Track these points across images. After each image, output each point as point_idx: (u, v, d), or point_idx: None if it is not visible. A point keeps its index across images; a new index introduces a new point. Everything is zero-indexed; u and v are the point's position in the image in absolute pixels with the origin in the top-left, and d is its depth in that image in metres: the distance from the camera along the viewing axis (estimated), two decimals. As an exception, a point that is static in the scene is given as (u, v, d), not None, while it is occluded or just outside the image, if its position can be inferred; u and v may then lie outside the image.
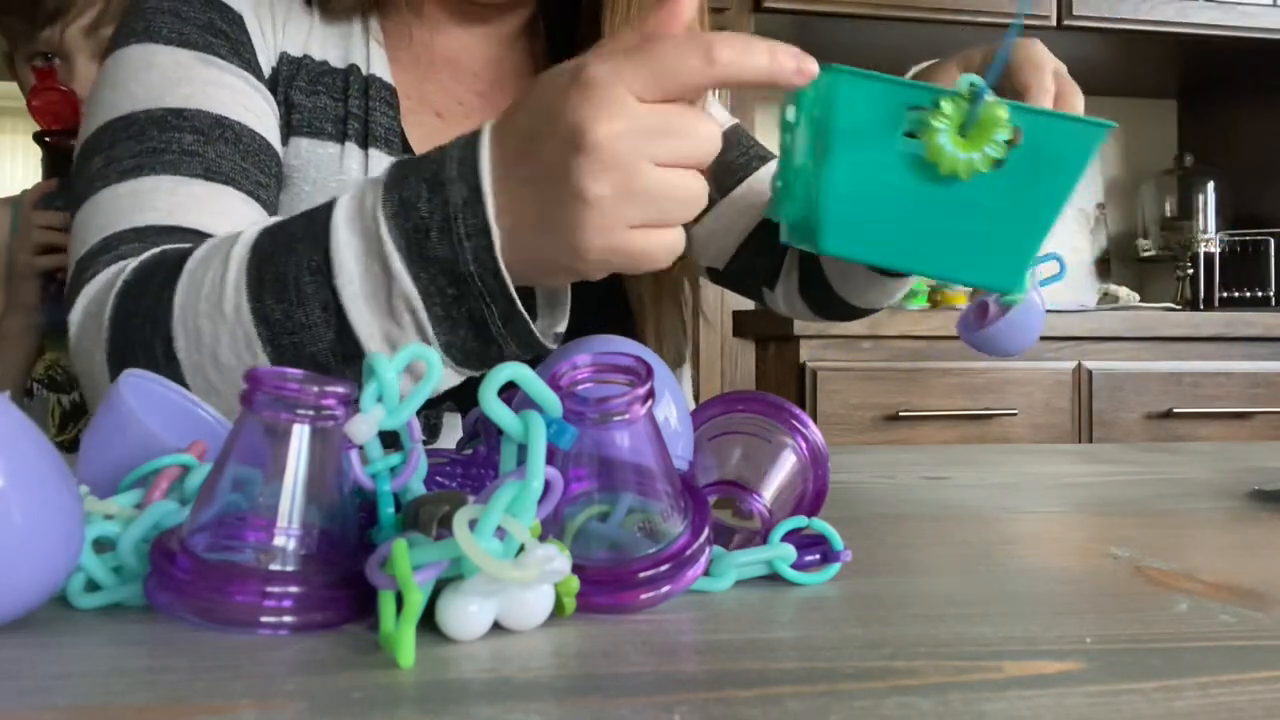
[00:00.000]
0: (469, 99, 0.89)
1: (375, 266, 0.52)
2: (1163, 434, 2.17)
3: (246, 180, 0.74)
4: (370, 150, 0.81)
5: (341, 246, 0.53)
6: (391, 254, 0.51)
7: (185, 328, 0.56)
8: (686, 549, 0.40)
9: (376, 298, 0.52)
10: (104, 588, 0.38)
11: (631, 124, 0.46)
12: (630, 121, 0.46)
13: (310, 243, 0.54)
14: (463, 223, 0.50)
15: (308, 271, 0.53)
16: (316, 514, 0.37)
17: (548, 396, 0.38)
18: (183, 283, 0.57)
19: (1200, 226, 2.60)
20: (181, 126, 0.73)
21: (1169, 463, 0.87)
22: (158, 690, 0.30)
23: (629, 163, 0.46)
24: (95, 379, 0.61)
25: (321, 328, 0.53)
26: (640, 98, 0.47)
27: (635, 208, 0.47)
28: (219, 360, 0.56)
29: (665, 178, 0.47)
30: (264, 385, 0.36)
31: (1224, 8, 2.40)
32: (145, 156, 0.71)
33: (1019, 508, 0.64)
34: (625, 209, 0.47)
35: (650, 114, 0.47)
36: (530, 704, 0.29)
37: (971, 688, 0.31)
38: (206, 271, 0.57)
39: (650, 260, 0.49)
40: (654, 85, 0.47)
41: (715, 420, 0.51)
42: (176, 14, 0.78)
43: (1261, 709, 0.29)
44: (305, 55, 0.83)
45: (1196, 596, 0.41)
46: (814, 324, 2.06)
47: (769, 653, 0.34)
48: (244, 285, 0.55)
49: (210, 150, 0.73)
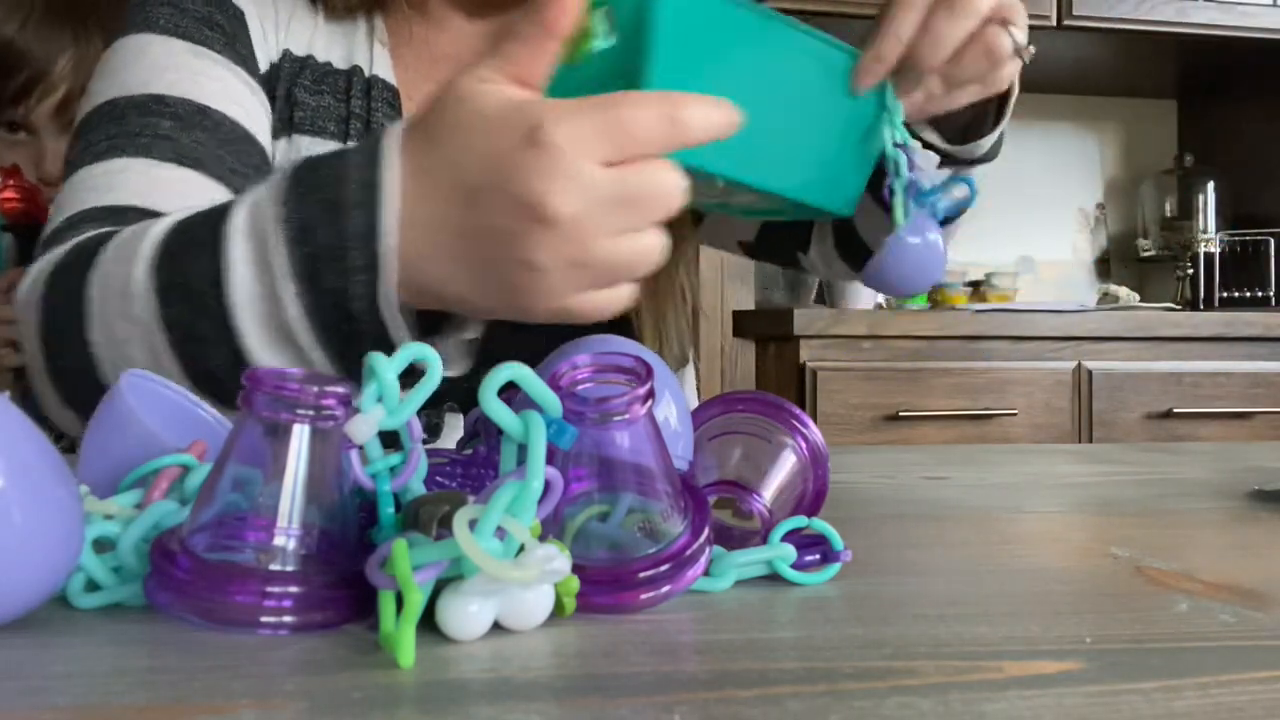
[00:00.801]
0: None
1: (269, 296, 0.51)
2: (1163, 434, 2.17)
3: (221, 167, 0.74)
4: None
5: (236, 264, 0.51)
6: (284, 286, 0.50)
7: (102, 322, 0.57)
8: (686, 549, 0.40)
9: (268, 324, 0.51)
10: (104, 588, 0.38)
11: (592, 197, 0.45)
12: (591, 194, 0.45)
13: (207, 250, 0.53)
14: (358, 254, 0.48)
15: (205, 282, 0.52)
16: (316, 514, 0.37)
17: (548, 396, 0.38)
18: (96, 275, 0.58)
19: (1200, 226, 2.60)
20: (162, 112, 0.73)
21: (1169, 463, 0.87)
22: (158, 690, 0.30)
23: (588, 239, 0.45)
24: (31, 354, 0.62)
25: (218, 344, 0.53)
26: (601, 164, 0.45)
27: (586, 277, 0.47)
28: (130, 359, 0.55)
29: (620, 246, 0.46)
30: (264, 385, 0.36)
31: (1224, 8, 2.40)
32: (120, 139, 0.73)
33: (1019, 508, 0.64)
34: (576, 278, 0.46)
35: (611, 183, 0.45)
36: (530, 704, 0.29)
37: (971, 688, 0.31)
38: (117, 266, 0.57)
39: (599, 316, 0.49)
40: (616, 151, 0.45)
41: (715, 420, 0.51)
42: (176, 6, 0.79)
43: (1261, 709, 0.29)
44: (309, 55, 0.83)
45: (1196, 596, 0.41)
46: (814, 324, 2.06)
47: (769, 653, 0.34)
48: (152, 289, 0.54)
49: (186, 136, 0.73)
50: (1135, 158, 2.93)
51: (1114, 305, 2.51)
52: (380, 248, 0.48)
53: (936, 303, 2.47)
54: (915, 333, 2.08)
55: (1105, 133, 2.93)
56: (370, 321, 0.50)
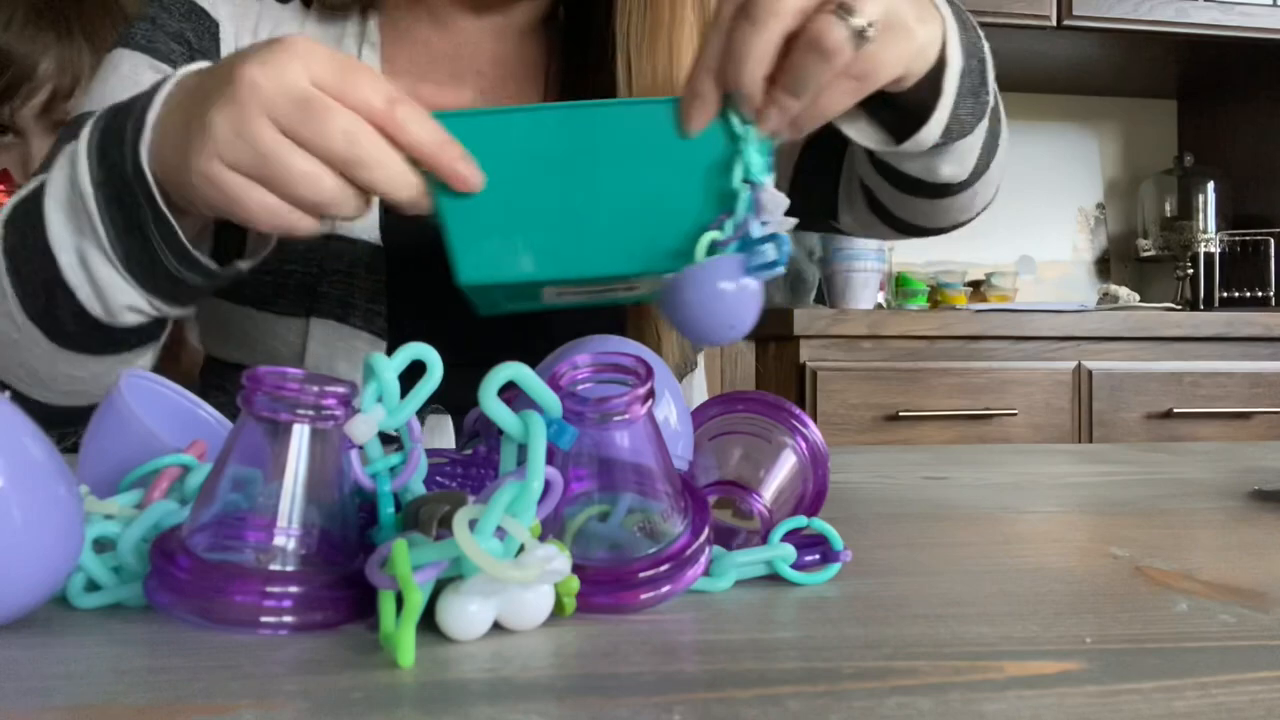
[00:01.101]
0: (469, 100, 0.86)
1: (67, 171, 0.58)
2: (1163, 434, 2.17)
3: None
4: None
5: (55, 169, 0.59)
6: (80, 157, 0.57)
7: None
8: (686, 549, 0.40)
9: (70, 205, 0.58)
10: (104, 588, 0.38)
11: (282, 83, 0.49)
12: (282, 80, 0.49)
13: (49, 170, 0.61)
14: (130, 129, 0.56)
15: (34, 202, 0.60)
16: (316, 514, 0.37)
17: (548, 396, 0.38)
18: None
19: (1200, 226, 2.60)
20: None
21: (1169, 463, 0.87)
22: (158, 690, 0.30)
23: (253, 110, 0.49)
24: None
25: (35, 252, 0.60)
26: (314, 80, 0.50)
27: (242, 153, 0.50)
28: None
29: (285, 146, 0.50)
30: (264, 385, 0.36)
31: (1224, 8, 2.40)
32: None
33: (1019, 508, 0.64)
34: (232, 148, 0.50)
35: (307, 90, 0.49)
36: (530, 704, 0.29)
37: (971, 688, 0.31)
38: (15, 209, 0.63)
39: (244, 213, 0.52)
40: (334, 80, 0.50)
41: (715, 420, 0.51)
42: (154, 21, 0.81)
43: (1261, 709, 0.29)
44: None
45: (1196, 596, 0.41)
46: (814, 324, 2.06)
47: (769, 653, 0.34)
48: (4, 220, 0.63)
49: None
50: (1135, 158, 2.93)
51: (1114, 305, 2.51)
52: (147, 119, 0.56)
53: (936, 303, 2.47)
54: (915, 333, 2.08)
55: (1105, 133, 2.93)
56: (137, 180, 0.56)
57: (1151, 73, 2.74)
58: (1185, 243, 2.64)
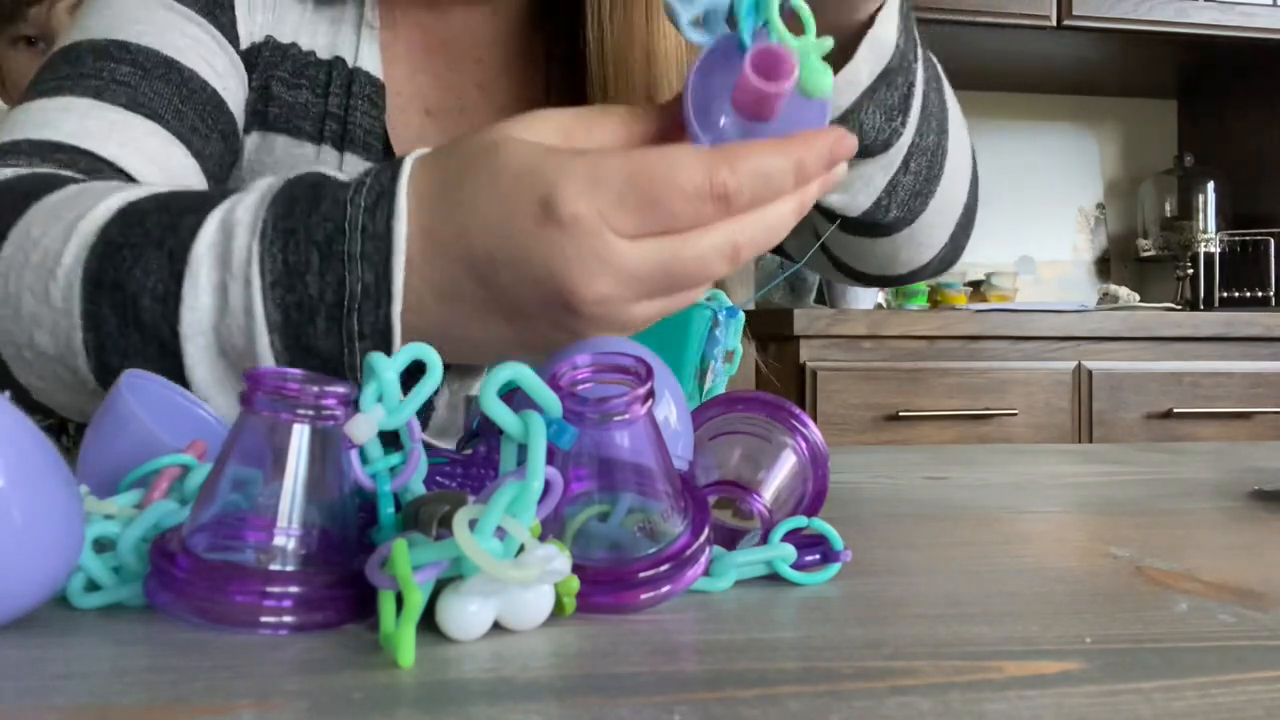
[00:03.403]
0: (468, 92, 0.83)
1: (235, 337, 0.46)
2: (1163, 434, 2.17)
3: (179, 122, 0.70)
4: (346, 154, 0.77)
5: (199, 290, 0.46)
6: (260, 334, 0.45)
7: (4, 287, 0.51)
8: (686, 549, 0.40)
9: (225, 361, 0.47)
10: (104, 588, 0.38)
11: (625, 277, 0.42)
12: (624, 274, 0.43)
13: (163, 260, 0.47)
14: (358, 319, 0.44)
15: (150, 295, 0.47)
16: (316, 514, 0.37)
17: (548, 396, 0.38)
18: (16, 233, 0.51)
19: (1200, 226, 2.60)
20: (121, 58, 0.70)
21: (1169, 463, 0.87)
22: (158, 690, 0.30)
23: (625, 312, 0.44)
24: None
25: (147, 360, 0.48)
26: (629, 238, 0.43)
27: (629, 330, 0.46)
28: (34, 341, 0.50)
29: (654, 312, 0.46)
30: (264, 385, 0.36)
31: (1224, 8, 2.40)
32: (70, 80, 0.69)
33: (1019, 508, 0.64)
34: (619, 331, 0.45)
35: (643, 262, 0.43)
36: (530, 704, 0.29)
37: (971, 688, 0.31)
38: (45, 235, 0.50)
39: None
40: (644, 225, 0.42)
41: (715, 420, 0.51)
42: None
43: (1261, 709, 0.29)
44: (293, 43, 0.78)
45: (1196, 596, 0.41)
46: (814, 324, 2.06)
47: (769, 653, 0.34)
48: (80, 277, 0.48)
49: (145, 85, 0.69)
50: (1135, 158, 2.93)
51: (1114, 305, 2.51)
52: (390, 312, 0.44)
53: (936, 303, 2.47)
54: (915, 333, 2.08)
55: (1105, 133, 2.93)
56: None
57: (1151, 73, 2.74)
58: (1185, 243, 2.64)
